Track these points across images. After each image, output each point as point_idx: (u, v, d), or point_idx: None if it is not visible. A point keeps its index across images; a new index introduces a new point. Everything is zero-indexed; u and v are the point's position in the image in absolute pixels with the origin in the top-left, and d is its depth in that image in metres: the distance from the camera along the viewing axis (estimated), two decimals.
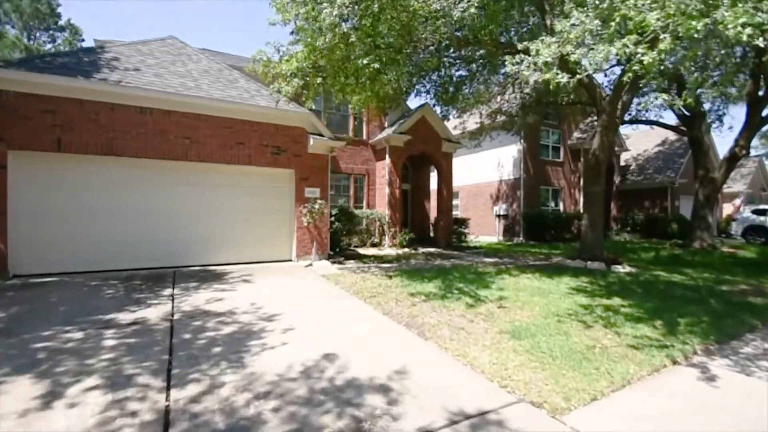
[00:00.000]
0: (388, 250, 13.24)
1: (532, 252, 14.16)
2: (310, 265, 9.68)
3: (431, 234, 16.02)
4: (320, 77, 9.00)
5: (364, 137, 14.99)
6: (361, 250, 12.97)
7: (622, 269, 9.84)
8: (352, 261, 10.63)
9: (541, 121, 19.48)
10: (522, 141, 18.98)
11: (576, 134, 21.16)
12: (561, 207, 20.58)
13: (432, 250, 14.08)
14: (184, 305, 5.62)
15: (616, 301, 6.61)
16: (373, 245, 13.95)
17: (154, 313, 5.19)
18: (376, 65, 8.19)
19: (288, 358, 3.81)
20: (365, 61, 8.12)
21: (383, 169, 14.36)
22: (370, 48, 8.42)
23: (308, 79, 8.73)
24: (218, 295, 6.26)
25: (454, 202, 22.93)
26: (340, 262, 10.33)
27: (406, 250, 13.39)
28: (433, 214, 16.65)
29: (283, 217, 10.14)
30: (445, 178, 15.36)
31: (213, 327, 4.68)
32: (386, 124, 15.17)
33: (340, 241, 11.05)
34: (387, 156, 14.24)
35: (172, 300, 5.90)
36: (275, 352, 3.98)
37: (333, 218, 10.77)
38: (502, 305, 6.13)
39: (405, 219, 16.75)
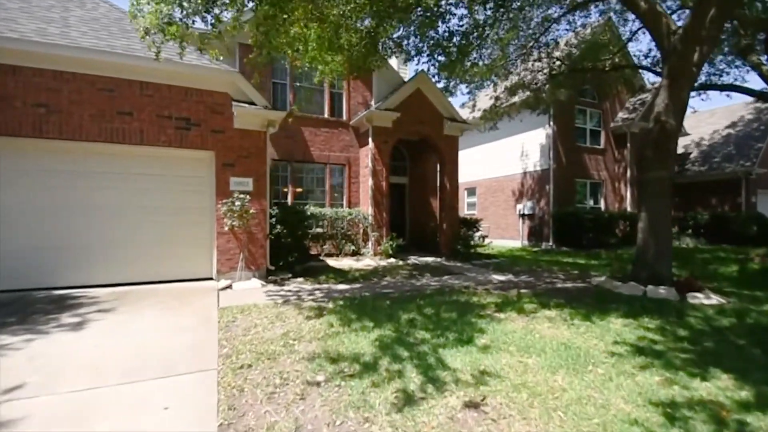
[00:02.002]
0: (367, 261, 10.12)
1: (562, 264, 10.61)
2: (229, 287, 6.73)
3: (437, 238, 12.74)
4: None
5: (344, 117, 11.93)
6: (332, 261, 9.92)
7: (705, 299, 6.24)
8: (301, 279, 7.61)
9: (576, 98, 15.70)
10: (551, 123, 15.29)
11: (621, 114, 17.16)
12: (602, 204, 16.68)
13: (428, 260, 10.83)
14: None
15: (721, 381, 3.24)
16: (352, 254, 10.87)
17: None
18: None
19: None
20: None
21: (366, 157, 11.24)
22: None
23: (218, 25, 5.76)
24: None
25: (470, 199, 19.51)
26: (281, 282, 7.33)
27: (392, 260, 10.21)
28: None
29: (203, 219, 7.26)
30: (448, 168, 12.04)
31: None
32: (371, 101, 12.03)
33: (293, 250, 8.04)
34: (369, 139, 11.12)
35: None
36: None
37: (274, 220, 7.78)
38: (484, 402, 2.90)
39: (400, 220, 13.57)
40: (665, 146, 6.77)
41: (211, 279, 7.24)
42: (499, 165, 17.87)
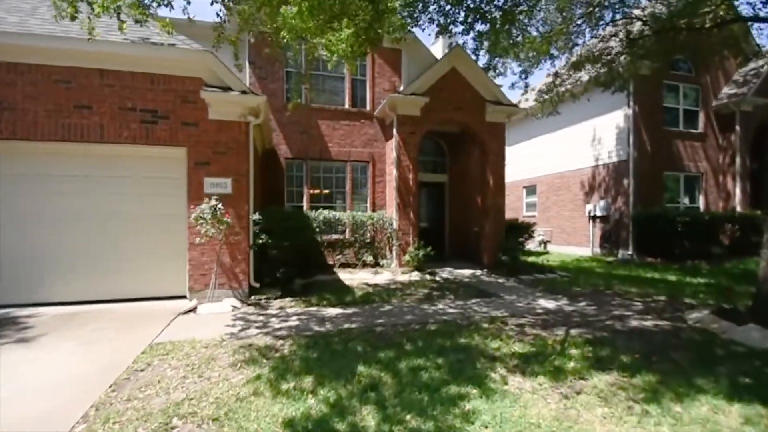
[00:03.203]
0: (387, 274, 8.52)
1: (643, 282, 8.05)
2: (193, 310, 5.59)
3: (480, 247, 10.73)
4: None
5: (367, 107, 10.43)
6: (346, 274, 8.48)
7: None
8: (289, 300, 6.26)
9: (664, 71, 12.56)
10: (631, 103, 12.36)
11: (726, 90, 13.52)
12: (700, 203, 13.24)
13: (464, 273, 8.93)
14: None
15: None
16: (373, 265, 9.33)
17: None
18: None
19: None
20: None
21: (392, 151, 9.63)
22: None
23: None
24: None
25: (530, 199, 16.98)
26: (263, 303, 6.05)
27: (416, 274, 8.49)
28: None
29: (178, 228, 6.23)
30: (492, 162, 9.97)
31: None
32: (401, 87, 10.36)
33: (283, 264, 6.73)
34: (394, 131, 9.50)
35: None
36: None
37: (257, 228, 6.51)
38: None
39: (439, 224, 11.76)
40: None
41: (184, 297, 6.19)
42: (563, 158, 15.13)
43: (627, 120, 12.49)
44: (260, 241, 6.33)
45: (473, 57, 9.52)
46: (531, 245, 16.57)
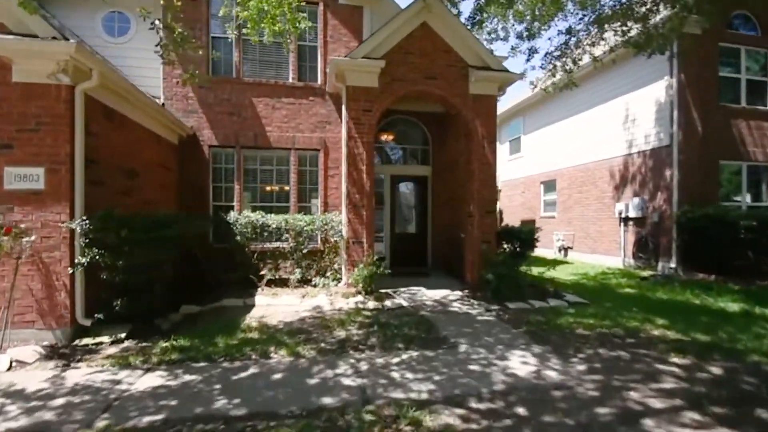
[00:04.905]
0: (320, 298, 6.30)
1: (692, 315, 5.37)
2: None
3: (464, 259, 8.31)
4: None
5: (318, 80, 8.23)
6: (265, 298, 6.33)
7: None
8: (132, 344, 4.23)
9: (721, 30, 9.57)
10: (676, 71, 9.47)
11: None
12: None
13: (434, 296, 6.58)
14: None
15: None
16: (309, 283, 7.13)
17: None
18: None
19: None
20: None
21: (346, 134, 7.39)
22: None
23: None
24: None
25: (548, 196, 14.31)
26: (81, 352, 4.02)
27: (358, 299, 6.19)
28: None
29: None
30: (476, 146, 7.50)
31: None
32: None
33: (126, 290, 4.60)
34: (343, 108, 7.27)
35: None
36: None
37: (88, 240, 4.44)
38: None
39: (420, 228, 9.43)
40: None
41: None
42: (588, 145, 12.31)
43: (669, 94, 9.59)
44: (91, 259, 4.27)
45: (452, 9, 7.16)
46: (549, 252, 13.84)
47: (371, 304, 6.00)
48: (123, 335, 4.43)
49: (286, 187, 8.04)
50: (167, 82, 7.59)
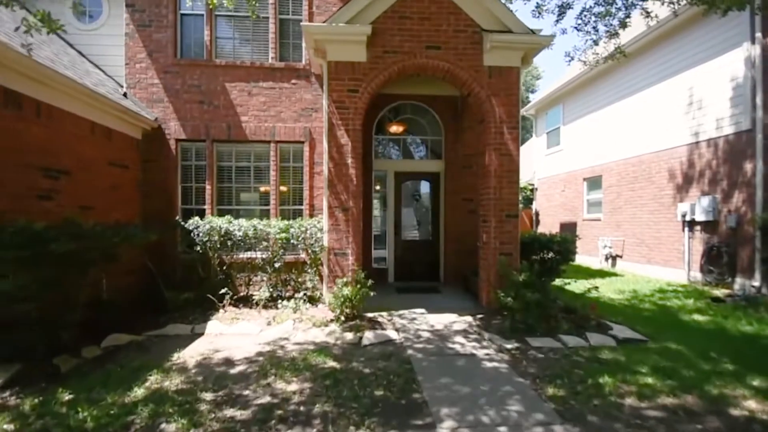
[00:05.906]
0: (286, 325, 4.99)
1: None
2: None
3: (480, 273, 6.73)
4: None
5: (303, 61, 6.97)
6: (220, 324, 5.12)
7: None
8: (10, 391, 3.14)
9: None
10: (759, 34, 7.39)
11: None
12: None
13: (435, 325, 5.10)
14: None
15: None
16: (282, 302, 5.84)
17: None
18: None
19: None
20: None
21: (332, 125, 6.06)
22: None
23: None
24: None
25: (592, 195, 12.37)
26: None
27: (335, 328, 4.84)
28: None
29: None
30: (493, 132, 5.91)
31: None
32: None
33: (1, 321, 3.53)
34: (324, 88, 5.95)
35: None
36: None
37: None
38: None
39: (433, 234, 7.97)
40: None
41: None
42: (642, 134, 10.24)
43: (750, 65, 7.50)
44: None
45: None
46: (593, 260, 11.83)
47: (348, 336, 4.62)
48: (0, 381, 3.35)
49: (266, 188, 6.84)
50: (130, 68, 6.62)
